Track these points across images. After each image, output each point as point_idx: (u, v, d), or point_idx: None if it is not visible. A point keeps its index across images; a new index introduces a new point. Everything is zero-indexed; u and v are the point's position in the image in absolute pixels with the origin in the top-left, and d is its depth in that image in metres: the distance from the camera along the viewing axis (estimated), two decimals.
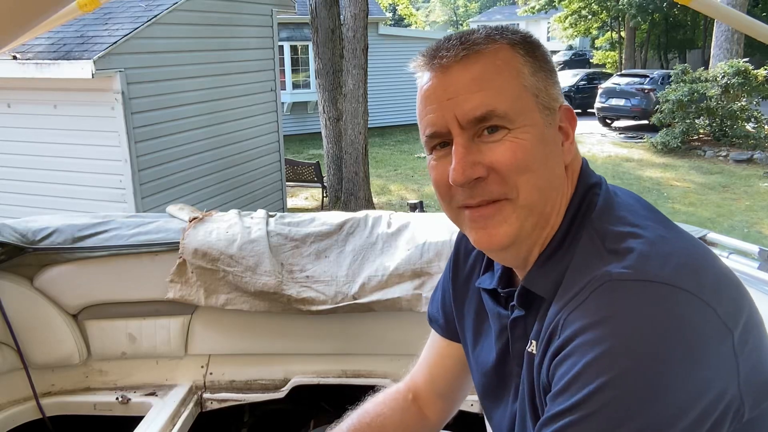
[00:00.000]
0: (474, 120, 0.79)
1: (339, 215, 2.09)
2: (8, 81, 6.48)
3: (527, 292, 0.84)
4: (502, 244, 0.82)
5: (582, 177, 0.87)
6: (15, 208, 6.85)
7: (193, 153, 7.42)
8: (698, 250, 0.76)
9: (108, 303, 1.99)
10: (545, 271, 0.82)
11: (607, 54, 32.31)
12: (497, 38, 0.82)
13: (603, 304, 0.70)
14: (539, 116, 0.81)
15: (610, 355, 0.66)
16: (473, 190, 0.81)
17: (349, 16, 9.30)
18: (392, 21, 30.35)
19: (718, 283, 0.73)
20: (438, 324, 1.17)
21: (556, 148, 0.83)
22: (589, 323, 0.69)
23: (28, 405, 1.93)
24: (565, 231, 0.82)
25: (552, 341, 0.75)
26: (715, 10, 1.58)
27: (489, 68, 0.80)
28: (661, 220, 0.81)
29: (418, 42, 18.73)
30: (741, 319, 0.71)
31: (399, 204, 10.57)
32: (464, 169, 0.79)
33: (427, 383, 1.19)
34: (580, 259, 0.77)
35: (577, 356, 0.69)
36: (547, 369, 0.75)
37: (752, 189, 11.37)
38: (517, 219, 0.81)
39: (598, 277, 0.72)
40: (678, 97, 14.24)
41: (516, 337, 0.88)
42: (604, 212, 0.81)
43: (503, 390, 0.94)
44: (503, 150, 0.79)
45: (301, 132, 17.11)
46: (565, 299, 0.75)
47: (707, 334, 0.68)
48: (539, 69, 0.83)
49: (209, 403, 1.99)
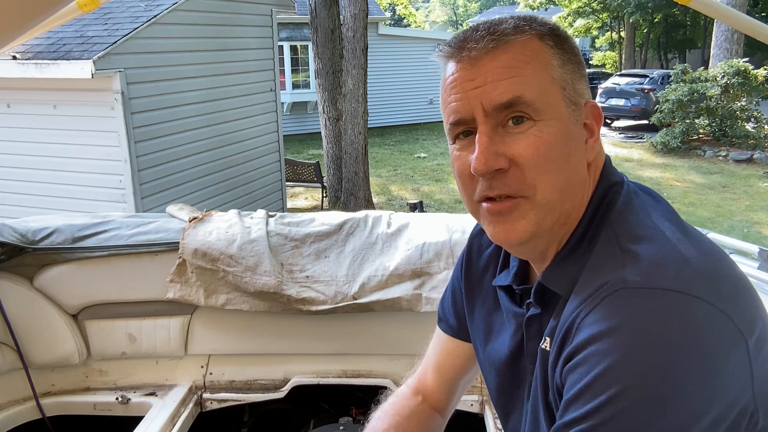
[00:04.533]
0: (500, 106, 0.78)
1: (339, 215, 2.09)
2: (8, 81, 6.47)
3: (544, 290, 0.84)
4: (519, 240, 0.82)
5: (604, 175, 0.86)
6: (15, 208, 6.85)
7: (193, 153, 7.41)
8: (715, 256, 0.75)
9: (108, 303, 1.99)
10: (562, 270, 0.81)
11: (607, 54, 32.32)
12: (526, 29, 0.81)
13: (616, 311, 0.69)
14: (565, 110, 0.80)
15: (622, 365, 0.66)
16: (493, 181, 0.79)
17: (349, 16, 9.29)
18: (391, 21, 30.35)
19: (734, 290, 0.71)
20: (448, 324, 1.16)
21: (579, 145, 0.82)
22: (600, 331, 0.68)
23: (28, 405, 1.93)
24: (584, 229, 0.82)
25: (565, 343, 0.74)
26: (715, 10, 1.58)
27: (518, 58, 0.79)
28: (678, 222, 0.80)
29: (418, 42, 18.74)
30: (756, 326, 0.70)
31: (399, 204, 10.57)
32: (487, 158, 0.78)
33: (438, 384, 1.18)
34: (597, 259, 0.77)
35: (589, 365, 0.68)
36: (560, 372, 0.75)
37: (752, 189, 11.37)
38: (535, 216, 0.80)
39: (613, 282, 0.71)
40: (678, 97, 14.24)
41: (531, 334, 0.88)
42: (623, 212, 0.80)
43: (517, 389, 0.94)
44: (527, 144, 0.78)
45: (301, 132, 17.11)
46: (579, 299, 0.74)
47: (722, 342, 0.67)
48: (567, 61, 0.82)
49: (209, 403, 1.99)
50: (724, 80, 13.93)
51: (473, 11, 51.37)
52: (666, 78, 17.40)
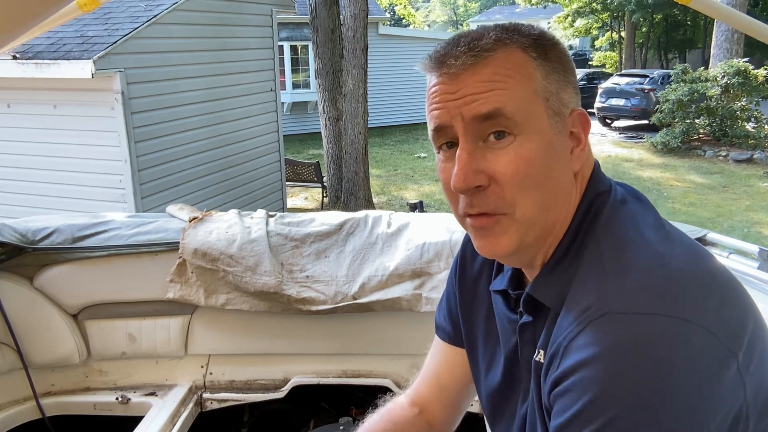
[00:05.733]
0: (480, 117, 0.77)
1: (339, 215, 2.09)
2: (8, 81, 6.47)
3: (533, 300, 0.84)
4: (504, 253, 0.82)
5: (591, 183, 0.85)
6: (15, 208, 6.84)
7: (193, 153, 7.41)
8: (701, 266, 0.74)
9: (108, 303, 1.99)
10: (549, 281, 0.81)
11: (607, 54, 32.33)
12: (507, 42, 0.79)
13: (599, 338, 0.68)
14: (547, 123, 0.79)
15: (608, 394, 0.66)
16: (473, 198, 0.80)
17: (349, 16, 9.29)
18: (391, 21, 30.33)
19: (721, 300, 0.71)
20: (445, 332, 1.14)
21: (563, 156, 0.81)
22: (586, 359, 0.68)
23: (28, 405, 1.93)
24: (570, 239, 0.81)
25: (553, 363, 0.74)
26: (715, 10, 1.58)
27: (499, 72, 0.78)
28: (664, 230, 0.80)
29: (418, 42, 18.74)
30: (745, 336, 0.69)
31: (399, 204, 10.57)
32: (466, 176, 0.77)
33: (436, 394, 1.15)
34: (583, 275, 0.76)
35: (576, 392, 0.68)
36: (548, 393, 0.75)
37: (752, 189, 11.37)
38: (516, 231, 0.80)
39: (597, 307, 0.70)
40: (678, 97, 14.24)
41: (525, 341, 0.87)
42: (609, 224, 0.79)
43: (510, 395, 0.94)
44: (507, 161, 0.77)
45: (301, 132, 17.11)
46: (568, 319, 0.74)
47: (708, 363, 0.66)
48: (552, 71, 0.81)
49: (209, 403, 1.99)
50: (724, 80, 13.93)
51: (473, 11, 51.37)
52: (666, 78, 17.39)
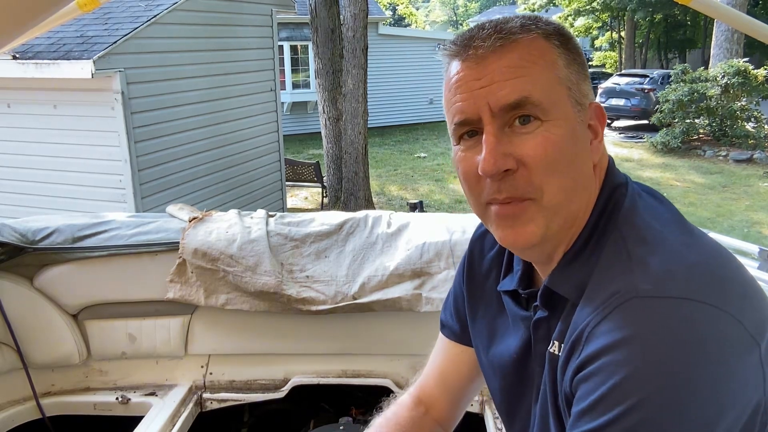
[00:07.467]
0: (507, 106, 0.77)
1: (339, 215, 2.09)
2: (8, 81, 6.48)
3: (551, 293, 0.83)
4: (528, 243, 0.81)
5: (608, 176, 0.85)
6: (15, 208, 6.85)
7: (193, 153, 7.42)
8: (723, 259, 0.75)
9: (108, 303, 1.99)
10: (570, 273, 0.81)
11: (607, 54, 32.31)
12: (532, 27, 0.80)
13: (629, 321, 0.68)
14: (572, 110, 0.80)
15: (638, 376, 0.66)
16: (501, 183, 0.79)
17: (349, 16, 9.30)
18: (392, 21, 30.33)
19: (744, 293, 0.71)
20: (452, 330, 1.14)
21: (585, 146, 0.82)
22: (614, 342, 0.68)
23: (28, 405, 1.93)
24: (590, 231, 0.81)
25: (575, 350, 0.74)
26: (715, 10, 1.58)
27: (525, 57, 0.78)
28: (684, 224, 0.80)
29: (418, 42, 18.75)
30: (766, 329, 0.70)
31: (399, 204, 10.57)
32: (495, 159, 0.77)
33: (441, 392, 1.16)
34: (606, 264, 0.76)
35: (603, 376, 0.68)
36: (570, 379, 0.74)
37: (752, 189, 11.38)
38: (543, 219, 0.79)
39: (624, 291, 0.70)
40: (678, 97, 14.24)
41: (539, 337, 0.87)
42: (630, 215, 0.79)
43: (524, 392, 0.93)
44: (535, 144, 0.77)
45: (301, 132, 17.12)
46: (591, 306, 0.74)
47: (734, 348, 0.67)
48: (572, 62, 0.82)
49: (209, 403, 1.99)
50: (724, 80, 13.93)
51: (473, 11, 51.37)
52: (666, 78, 17.40)
